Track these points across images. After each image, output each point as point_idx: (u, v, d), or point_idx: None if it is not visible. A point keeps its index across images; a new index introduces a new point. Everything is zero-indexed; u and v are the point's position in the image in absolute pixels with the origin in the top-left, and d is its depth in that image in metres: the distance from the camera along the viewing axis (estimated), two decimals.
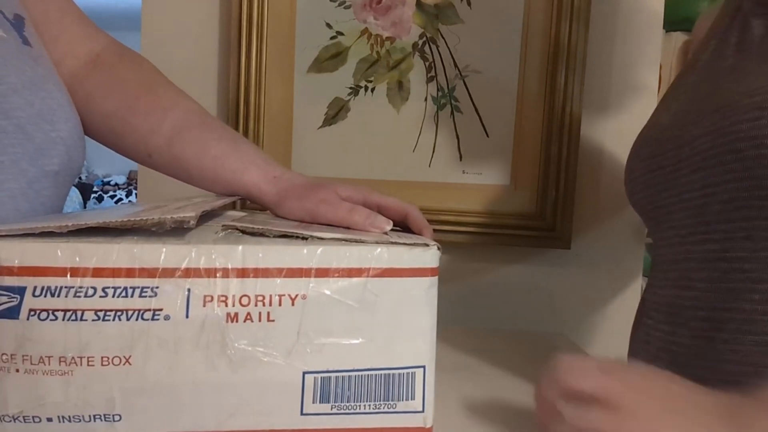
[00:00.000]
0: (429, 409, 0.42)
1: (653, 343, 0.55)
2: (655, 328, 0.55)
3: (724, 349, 0.47)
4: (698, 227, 0.51)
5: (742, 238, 0.47)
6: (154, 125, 0.59)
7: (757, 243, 0.46)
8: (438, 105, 0.96)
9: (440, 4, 0.95)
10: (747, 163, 0.46)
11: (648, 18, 0.96)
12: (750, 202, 0.46)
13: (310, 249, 0.40)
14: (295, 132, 0.98)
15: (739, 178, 0.47)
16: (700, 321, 0.50)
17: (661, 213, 0.57)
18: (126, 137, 0.61)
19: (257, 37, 0.95)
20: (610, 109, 0.96)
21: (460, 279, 1.00)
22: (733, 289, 0.48)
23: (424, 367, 0.42)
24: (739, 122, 0.46)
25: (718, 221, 0.49)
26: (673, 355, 0.52)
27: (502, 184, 0.96)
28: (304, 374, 0.39)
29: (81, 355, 0.37)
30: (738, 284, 0.47)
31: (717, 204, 0.49)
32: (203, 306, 0.38)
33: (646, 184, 0.58)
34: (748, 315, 0.46)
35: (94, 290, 0.37)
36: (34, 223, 0.38)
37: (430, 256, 0.42)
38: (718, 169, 0.49)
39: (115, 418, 0.38)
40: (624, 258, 0.98)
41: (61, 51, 0.61)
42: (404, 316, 0.41)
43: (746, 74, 0.49)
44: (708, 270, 0.50)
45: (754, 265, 0.46)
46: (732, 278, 0.48)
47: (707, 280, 0.50)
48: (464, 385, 0.65)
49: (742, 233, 0.47)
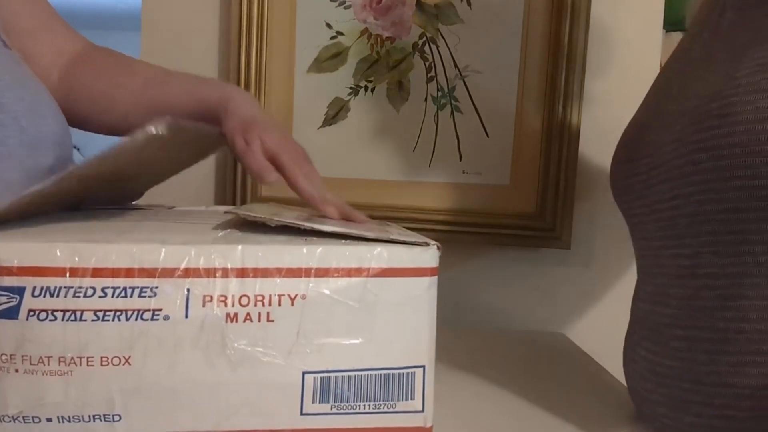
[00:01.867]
0: (429, 409, 0.42)
1: (640, 363, 0.53)
2: (640, 345, 0.53)
3: (703, 371, 0.45)
4: (669, 240, 0.48)
5: (709, 253, 0.44)
6: (130, 90, 0.66)
7: (724, 258, 0.43)
8: (438, 105, 0.96)
9: (440, 4, 0.95)
10: (706, 175, 0.43)
11: (648, 18, 0.96)
12: (713, 216, 0.43)
13: (310, 249, 0.40)
14: (295, 132, 0.98)
15: (700, 191, 0.44)
16: (679, 340, 0.47)
17: (635, 222, 0.54)
18: (111, 113, 0.66)
19: (257, 37, 0.95)
20: (610, 109, 0.96)
21: (460, 279, 1.00)
22: (705, 307, 0.45)
23: (423, 367, 0.42)
24: (699, 131, 0.43)
25: (686, 235, 0.46)
26: (659, 377, 0.49)
27: (501, 184, 0.96)
28: (304, 374, 0.39)
29: (80, 355, 0.37)
30: (709, 302, 0.44)
31: (684, 217, 0.46)
32: (203, 306, 0.38)
33: (624, 190, 0.55)
34: (722, 334, 0.43)
35: (93, 290, 0.37)
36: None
37: (429, 255, 0.42)
38: (682, 181, 0.46)
39: (114, 419, 0.38)
40: (624, 258, 0.98)
41: (51, 49, 0.67)
42: (404, 316, 0.41)
43: (712, 71, 0.46)
44: (680, 287, 0.47)
45: (723, 281, 0.43)
46: (703, 296, 0.45)
47: (681, 297, 0.47)
48: (464, 385, 0.65)
49: (708, 248, 0.44)
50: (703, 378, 0.45)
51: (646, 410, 0.54)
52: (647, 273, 0.54)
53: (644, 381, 0.52)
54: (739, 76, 0.42)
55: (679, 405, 0.47)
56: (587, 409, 0.60)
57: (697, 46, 0.52)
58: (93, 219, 0.47)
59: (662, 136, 0.49)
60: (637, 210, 0.54)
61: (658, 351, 0.50)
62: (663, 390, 0.49)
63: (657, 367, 0.50)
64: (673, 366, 0.48)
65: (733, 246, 0.43)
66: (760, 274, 0.42)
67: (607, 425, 0.58)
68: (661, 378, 0.49)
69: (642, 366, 0.52)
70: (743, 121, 0.40)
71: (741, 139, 0.40)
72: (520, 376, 0.69)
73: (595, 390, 0.67)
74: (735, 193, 0.42)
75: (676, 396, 0.48)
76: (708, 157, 0.43)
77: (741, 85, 0.41)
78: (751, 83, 0.40)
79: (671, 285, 0.49)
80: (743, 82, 0.41)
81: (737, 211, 0.42)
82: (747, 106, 0.40)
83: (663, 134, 0.49)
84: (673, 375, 0.48)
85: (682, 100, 0.48)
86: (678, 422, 0.48)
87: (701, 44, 0.51)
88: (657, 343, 0.50)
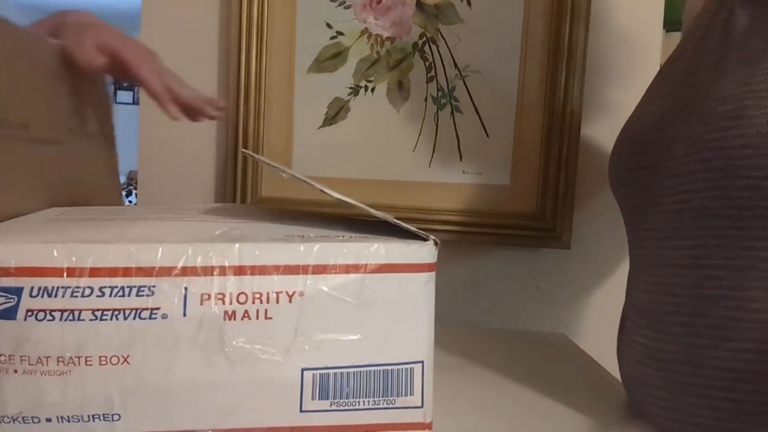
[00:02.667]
0: (428, 404, 0.42)
1: (637, 349, 0.55)
2: (636, 332, 0.55)
3: (706, 356, 0.47)
4: (673, 233, 0.51)
5: (714, 246, 0.47)
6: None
7: (730, 251, 0.46)
8: (438, 105, 0.96)
9: (440, 4, 0.95)
10: (715, 173, 0.45)
11: (648, 18, 0.96)
12: (720, 212, 0.46)
13: (307, 246, 0.40)
14: (295, 132, 0.98)
15: (709, 188, 0.46)
16: (681, 327, 0.49)
17: (637, 214, 0.56)
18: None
19: (257, 37, 0.95)
20: (610, 109, 0.96)
21: (460, 279, 1.00)
22: (709, 296, 0.47)
23: (422, 363, 0.42)
24: (710, 131, 0.46)
25: (692, 228, 0.48)
26: (657, 362, 0.51)
27: (501, 184, 0.96)
28: (303, 371, 0.39)
29: (79, 354, 0.37)
30: (713, 291, 0.47)
31: (690, 211, 0.48)
32: (200, 304, 0.38)
33: (626, 182, 0.57)
34: (725, 322, 0.46)
35: (91, 290, 0.37)
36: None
37: (427, 251, 0.42)
38: (689, 177, 0.48)
39: (114, 418, 0.38)
40: (624, 258, 0.97)
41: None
42: (402, 312, 0.41)
43: (725, 75, 0.48)
44: (684, 276, 0.49)
45: (727, 272, 0.46)
46: (707, 285, 0.47)
47: (684, 286, 0.49)
48: (464, 385, 0.65)
49: (714, 241, 0.47)
50: (705, 362, 0.47)
51: (640, 395, 0.55)
52: (647, 264, 0.55)
53: (641, 366, 0.54)
54: (753, 82, 0.44)
55: (681, 387, 0.49)
56: (587, 409, 0.60)
57: (707, 51, 0.53)
58: (90, 218, 0.47)
59: (670, 134, 0.51)
60: (639, 202, 0.55)
61: (657, 337, 0.52)
62: (662, 374, 0.51)
63: (656, 352, 0.52)
64: (675, 350, 0.50)
65: (738, 240, 0.45)
66: (762, 267, 0.44)
67: (607, 425, 0.58)
68: (660, 362, 0.51)
69: (639, 351, 0.54)
70: (756, 125, 0.42)
71: (752, 141, 0.43)
72: (520, 375, 0.69)
73: (595, 390, 0.67)
74: (743, 192, 0.44)
75: (676, 379, 0.49)
76: (719, 156, 0.45)
77: (755, 90, 0.43)
78: (765, 89, 0.43)
79: (675, 275, 0.50)
80: (757, 88, 0.43)
81: (744, 209, 0.44)
82: (760, 110, 0.42)
83: (671, 132, 0.51)
84: (673, 359, 0.50)
85: (693, 102, 0.50)
86: (678, 404, 0.49)
87: (711, 49, 0.53)
88: (657, 330, 0.52)
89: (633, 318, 0.56)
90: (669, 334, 0.50)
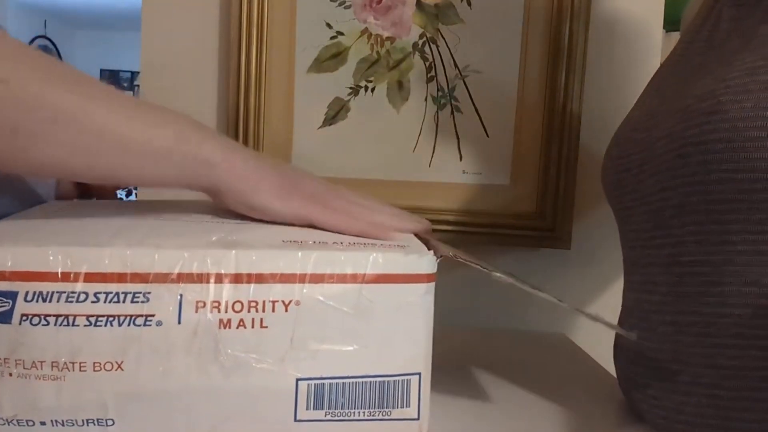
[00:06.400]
0: (424, 417, 0.42)
1: (631, 349, 0.55)
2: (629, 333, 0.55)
3: (690, 353, 0.47)
4: (656, 231, 0.51)
5: (693, 242, 0.47)
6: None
7: (708, 247, 0.46)
8: (438, 105, 0.96)
9: (440, 4, 0.94)
10: (693, 168, 0.46)
11: (648, 18, 0.95)
12: (698, 207, 0.46)
13: (305, 254, 0.39)
14: (295, 132, 0.98)
15: (687, 183, 0.46)
16: (667, 325, 0.50)
17: (626, 215, 0.57)
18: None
19: (257, 37, 0.95)
20: (610, 109, 0.95)
21: (460, 279, 0.99)
22: (689, 293, 0.48)
23: (419, 375, 0.41)
24: (688, 127, 0.46)
25: (672, 225, 0.49)
26: (648, 360, 0.52)
27: (501, 184, 0.96)
28: (298, 381, 0.39)
29: (73, 360, 0.37)
30: (694, 288, 0.47)
31: (670, 209, 0.49)
32: (195, 312, 0.38)
33: (615, 185, 0.58)
34: (706, 318, 0.46)
35: (85, 295, 0.37)
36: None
37: (426, 262, 0.41)
38: (669, 174, 0.48)
39: (108, 423, 0.38)
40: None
41: None
42: (399, 323, 0.41)
43: (706, 75, 0.48)
44: (667, 274, 0.50)
45: (706, 269, 0.46)
46: (688, 282, 0.48)
47: (667, 284, 0.50)
48: (463, 385, 0.65)
49: (693, 237, 0.47)
50: (690, 359, 0.48)
51: (635, 395, 0.56)
52: (636, 263, 0.56)
53: (634, 366, 0.55)
54: (729, 78, 0.44)
55: (669, 386, 0.50)
56: (587, 408, 0.60)
57: (693, 54, 0.54)
58: (87, 216, 0.47)
59: (654, 134, 0.52)
60: (628, 203, 0.56)
61: (646, 337, 0.52)
62: (652, 373, 0.51)
63: (646, 351, 0.52)
64: (662, 349, 0.50)
65: (715, 235, 0.45)
66: (740, 262, 0.44)
67: (607, 425, 0.58)
68: (650, 361, 0.52)
69: (631, 351, 0.55)
70: (729, 119, 0.43)
71: (727, 135, 0.43)
72: (520, 376, 0.69)
73: (596, 390, 0.67)
74: (719, 186, 0.44)
75: (665, 377, 0.50)
76: (695, 151, 0.45)
77: (730, 86, 0.44)
78: (739, 85, 0.43)
79: (658, 273, 0.51)
80: (732, 84, 0.44)
81: (720, 203, 0.45)
82: (734, 105, 0.43)
83: (654, 131, 0.52)
84: (661, 358, 0.50)
85: (674, 101, 0.51)
86: (667, 402, 0.50)
87: (698, 52, 0.54)
88: (646, 329, 0.52)
89: (626, 319, 0.57)
90: (656, 333, 0.51)
